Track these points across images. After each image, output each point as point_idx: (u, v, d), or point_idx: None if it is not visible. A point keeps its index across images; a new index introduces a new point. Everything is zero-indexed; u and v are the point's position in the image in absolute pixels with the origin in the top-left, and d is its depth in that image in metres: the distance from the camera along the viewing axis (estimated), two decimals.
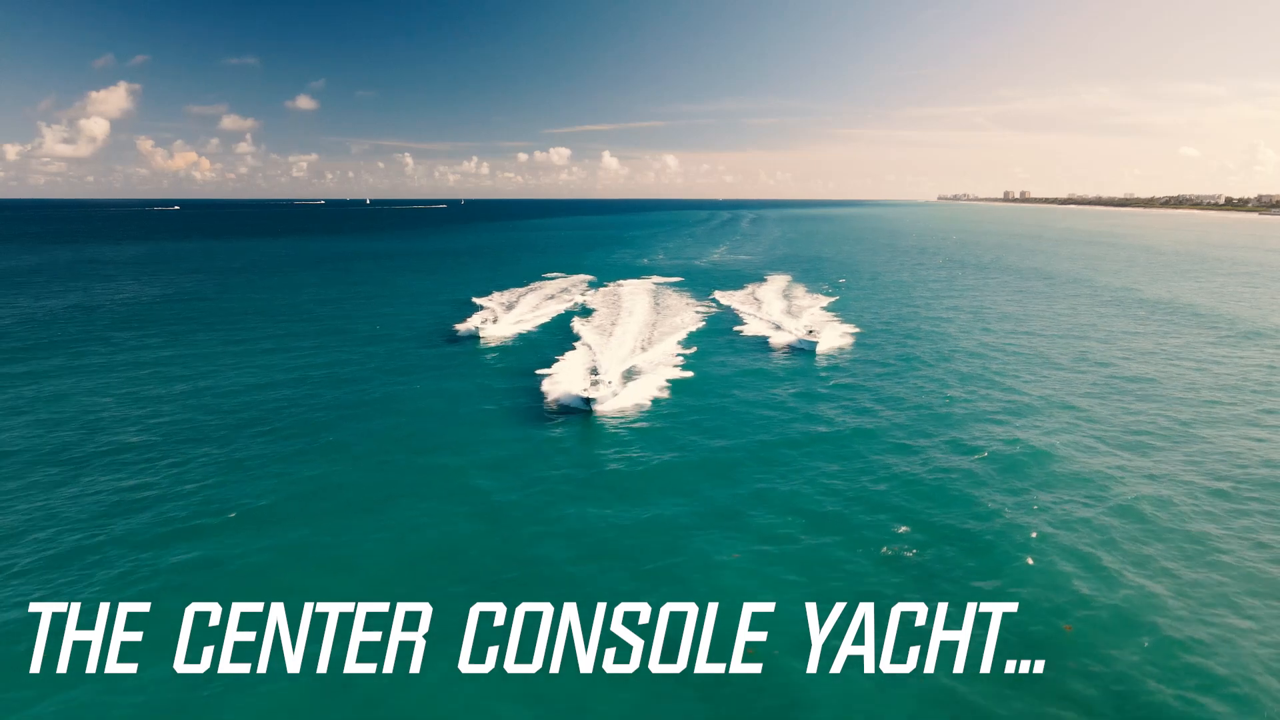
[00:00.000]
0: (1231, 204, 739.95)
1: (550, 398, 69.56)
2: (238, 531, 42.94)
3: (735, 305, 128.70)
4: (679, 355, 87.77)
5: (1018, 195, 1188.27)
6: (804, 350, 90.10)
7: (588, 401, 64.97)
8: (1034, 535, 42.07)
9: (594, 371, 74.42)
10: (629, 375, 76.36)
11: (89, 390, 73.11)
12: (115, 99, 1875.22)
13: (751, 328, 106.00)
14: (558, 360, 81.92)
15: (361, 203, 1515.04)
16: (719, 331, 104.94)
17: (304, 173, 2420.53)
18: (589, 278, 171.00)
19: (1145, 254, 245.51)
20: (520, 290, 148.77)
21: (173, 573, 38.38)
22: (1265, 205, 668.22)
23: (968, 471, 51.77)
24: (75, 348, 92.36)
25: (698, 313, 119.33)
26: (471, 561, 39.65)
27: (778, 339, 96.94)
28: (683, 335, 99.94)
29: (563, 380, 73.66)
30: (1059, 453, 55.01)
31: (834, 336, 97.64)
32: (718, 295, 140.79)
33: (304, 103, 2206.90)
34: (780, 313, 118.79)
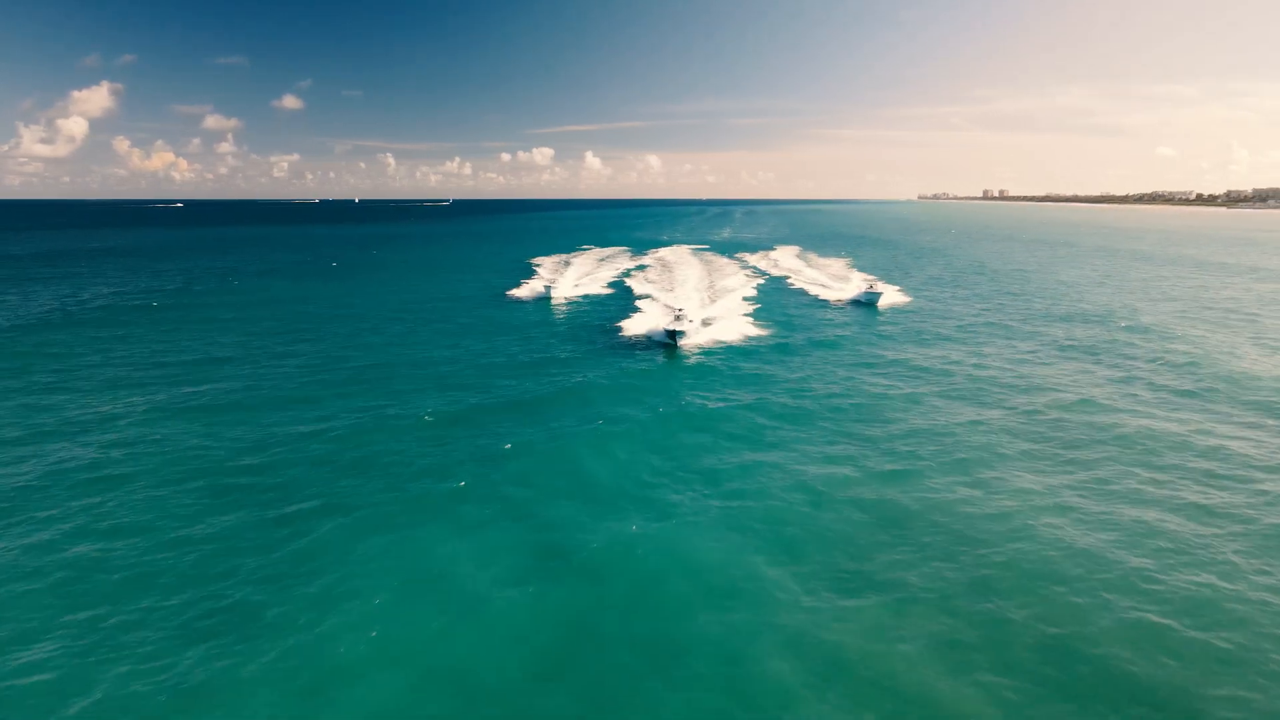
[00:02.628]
0: (1202, 199, 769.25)
1: (636, 334, 74.13)
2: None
3: (774, 268, 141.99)
4: (748, 305, 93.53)
5: (996, 194, 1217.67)
6: (867, 303, 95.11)
7: (673, 335, 67.25)
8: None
9: (676, 313, 74.71)
10: (706, 321, 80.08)
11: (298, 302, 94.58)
12: (97, 98, 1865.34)
13: (807, 286, 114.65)
14: (633, 312, 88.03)
15: (350, 202, 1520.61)
16: (778, 287, 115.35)
17: (284, 173, 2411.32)
18: (626, 248, 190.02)
19: (1152, 233, 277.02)
20: (568, 255, 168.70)
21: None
22: (1233, 200, 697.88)
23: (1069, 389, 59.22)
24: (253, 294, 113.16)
25: (748, 272, 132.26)
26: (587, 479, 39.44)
27: (839, 293, 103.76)
28: (747, 290, 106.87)
29: (646, 321, 79.16)
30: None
31: (893, 292, 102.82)
32: (743, 257, 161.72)
33: (290, 102, 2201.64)
34: (823, 273, 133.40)
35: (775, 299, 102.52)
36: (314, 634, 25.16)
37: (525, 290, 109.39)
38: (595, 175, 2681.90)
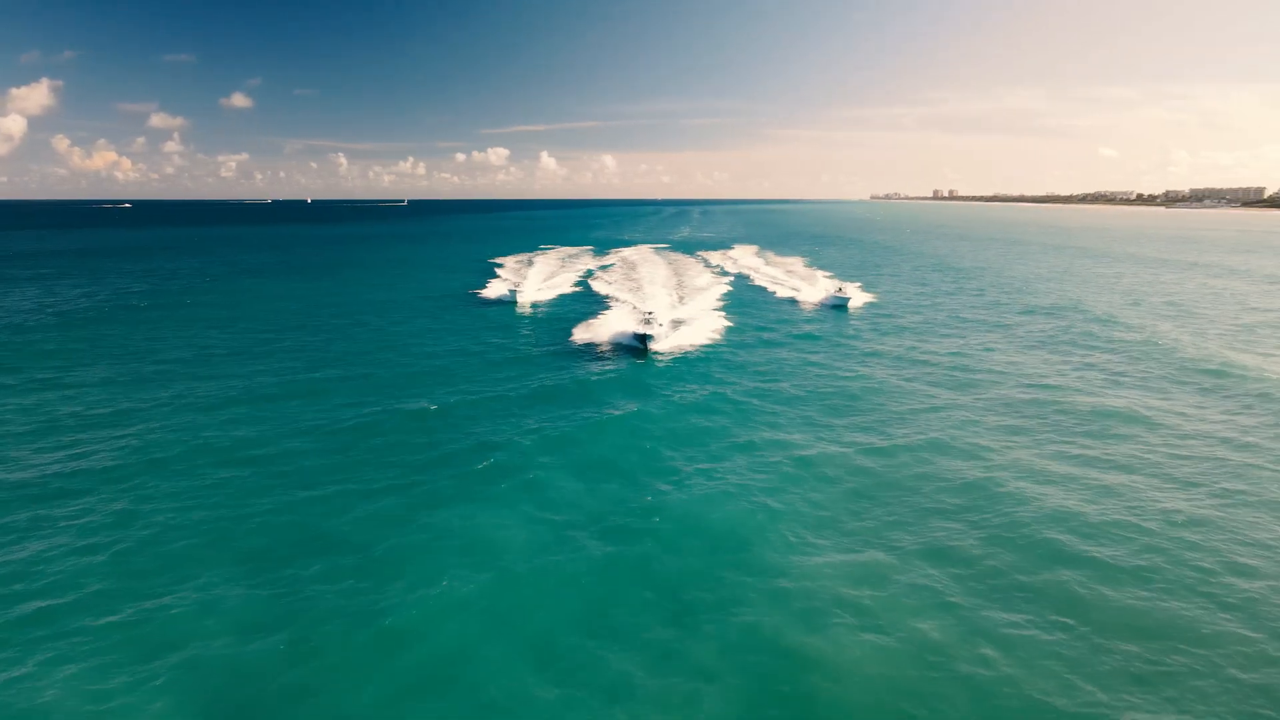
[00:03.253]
0: (1142, 199, 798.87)
1: (609, 335, 73.19)
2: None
3: (735, 266, 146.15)
4: (717, 305, 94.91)
5: (946, 194, 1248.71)
6: (836, 306, 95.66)
7: (643, 339, 66.56)
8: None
9: (645, 316, 73.84)
10: (677, 322, 79.73)
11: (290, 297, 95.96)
12: (36, 96, 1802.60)
13: (771, 285, 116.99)
14: (603, 311, 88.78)
15: (303, 202, 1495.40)
16: (745, 286, 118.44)
17: (233, 173, 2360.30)
18: (589, 248, 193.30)
19: (1096, 232, 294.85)
20: (528, 254, 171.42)
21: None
22: (1171, 200, 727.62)
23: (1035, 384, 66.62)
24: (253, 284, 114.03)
25: (712, 271, 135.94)
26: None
27: (808, 296, 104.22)
28: (715, 290, 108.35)
29: (616, 323, 77.66)
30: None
31: (858, 291, 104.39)
32: (705, 255, 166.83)
33: (239, 100, 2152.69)
34: (783, 270, 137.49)
35: (743, 298, 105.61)
36: (390, 588, 28.45)
37: (495, 290, 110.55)
38: (550, 175, 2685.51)
